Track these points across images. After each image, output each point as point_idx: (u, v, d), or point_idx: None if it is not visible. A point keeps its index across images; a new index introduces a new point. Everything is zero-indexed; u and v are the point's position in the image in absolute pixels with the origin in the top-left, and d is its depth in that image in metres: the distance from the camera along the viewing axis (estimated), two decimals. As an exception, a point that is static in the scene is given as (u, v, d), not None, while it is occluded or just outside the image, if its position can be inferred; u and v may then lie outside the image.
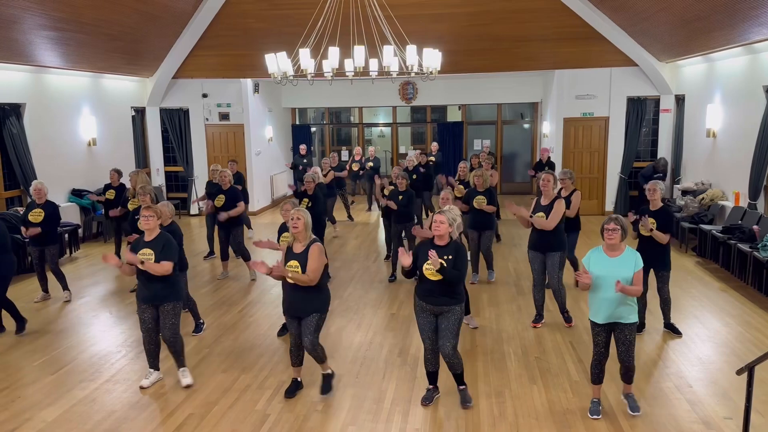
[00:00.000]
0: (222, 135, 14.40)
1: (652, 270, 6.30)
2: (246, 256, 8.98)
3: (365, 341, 6.50)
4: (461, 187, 9.52)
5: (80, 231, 11.16)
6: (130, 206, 8.56)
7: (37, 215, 7.70)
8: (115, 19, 10.49)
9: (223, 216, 8.59)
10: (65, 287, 8.10)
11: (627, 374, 4.82)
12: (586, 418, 4.81)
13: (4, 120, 9.84)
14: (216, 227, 9.23)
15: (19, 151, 10.01)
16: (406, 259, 4.78)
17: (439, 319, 4.89)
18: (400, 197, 8.67)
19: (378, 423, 4.82)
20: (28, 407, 5.16)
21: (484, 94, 16.03)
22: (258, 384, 5.51)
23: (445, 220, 4.78)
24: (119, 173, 9.83)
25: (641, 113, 13.07)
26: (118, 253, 10.13)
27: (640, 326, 6.44)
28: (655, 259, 6.20)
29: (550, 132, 14.37)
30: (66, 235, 10.31)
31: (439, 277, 4.71)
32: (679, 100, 12.62)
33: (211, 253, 10.32)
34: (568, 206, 7.72)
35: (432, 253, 4.62)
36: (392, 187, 8.98)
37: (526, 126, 17.35)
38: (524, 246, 10.61)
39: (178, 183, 14.58)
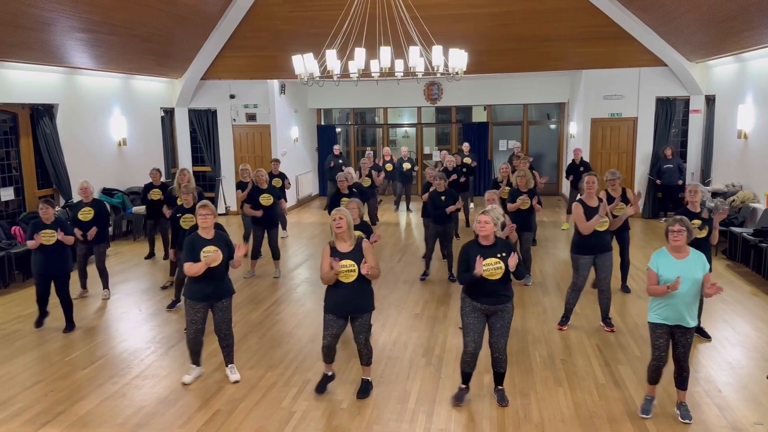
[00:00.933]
0: (249, 135, 14.55)
1: None
2: (277, 255, 9.08)
3: (389, 341, 6.53)
4: (507, 188, 9.34)
5: (110, 229, 11.36)
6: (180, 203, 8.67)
7: (87, 213, 7.88)
8: (145, 21, 10.68)
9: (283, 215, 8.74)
10: (106, 286, 8.26)
11: (681, 376, 4.72)
12: (613, 421, 4.77)
13: (37, 120, 10.08)
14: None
15: (52, 150, 10.25)
16: (480, 266, 4.72)
17: (493, 318, 4.89)
18: (442, 198, 8.60)
19: (402, 423, 4.84)
20: (62, 400, 5.29)
21: (510, 94, 15.95)
22: (284, 381, 5.57)
23: (489, 220, 4.76)
24: (161, 172, 9.99)
25: (670, 114, 12.89)
26: (153, 252, 10.34)
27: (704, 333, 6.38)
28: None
29: (577, 132, 14.24)
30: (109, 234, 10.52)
31: (499, 275, 4.73)
32: (710, 100, 12.42)
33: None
34: (626, 204, 7.58)
35: (513, 259, 4.70)
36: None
37: (553, 126, 17.22)
38: (550, 247, 10.60)
39: (206, 183, 14.77)
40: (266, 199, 8.87)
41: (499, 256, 4.76)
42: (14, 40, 8.80)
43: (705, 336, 6.38)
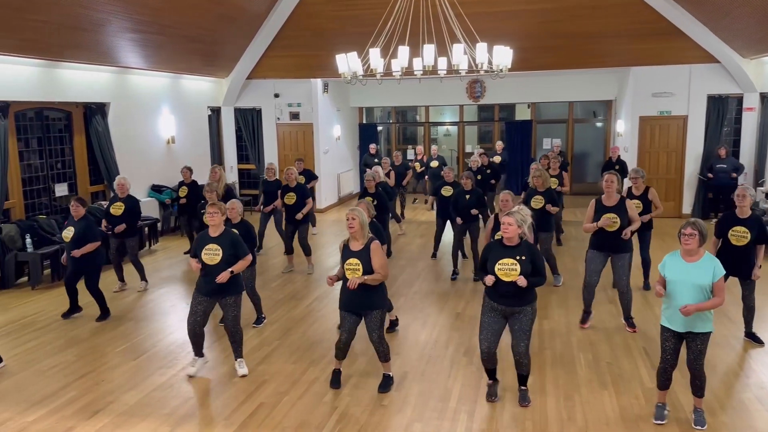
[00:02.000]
0: (292, 134, 14.73)
1: (736, 277, 6.03)
2: (308, 251, 9.19)
3: (431, 339, 6.52)
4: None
5: (159, 225, 11.67)
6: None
7: (118, 208, 8.15)
8: (194, 21, 10.92)
9: (299, 216, 8.93)
10: (143, 278, 8.51)
11: (695, 383, 4.60)
12: (660, 426, 4.66)
13: (90, 118, 10.41)
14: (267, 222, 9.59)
15: (104, 147, 10.57)
16: (490, 280, 4.75)
17: (512, 320, 4.86)
18: (467, 197, 8.63)
19: (444, 421, 4.83)
20: (112, 390, 5.46)
21: (556, 91, 15.69)
22: (326, 377, 5.62)
23: (513, 221, 4.72)
24: (191, 170, 10.24)
25: (722, 112, 12.48)
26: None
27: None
28: (741, 265, 5.92)
29: (624, 131, 13.93)
30: (146, 229, 10.82)
31: (513, 277, 4.69)
32: (764, 98, 11.99)
33: (260, 248, 10.53)
34: (648, 205, 7.51)
35: (521, 280, 4.64)
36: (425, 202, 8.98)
37: (599, 125, 16.89)
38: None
39: (250, 180, 15.03)
40: (290, 198, 9.00)
41: (517, 258, 4.71)
42: (69, 41, 9.12)
43: (757, 341, 6.18)
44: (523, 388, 5.07)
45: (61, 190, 10.15)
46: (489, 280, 4.76)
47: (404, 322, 7.03)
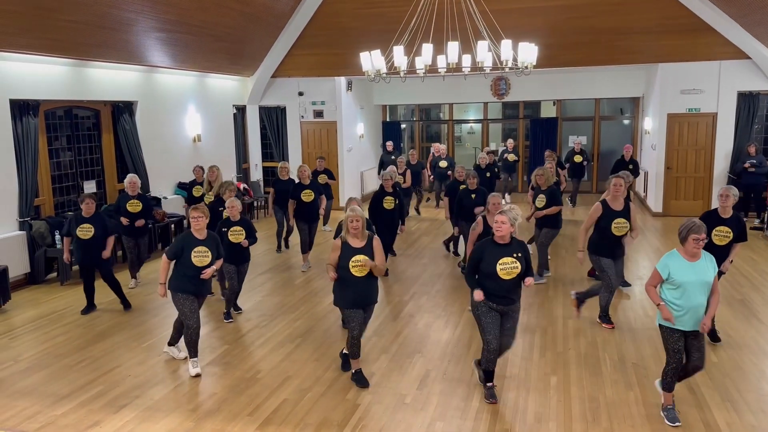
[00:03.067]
0: (316, 132, 14.78)
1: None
2: (309, 248, 9.41)
3: (453, 338, 6.49)
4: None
5: (185, 222, 11.79)
6: (206, 199, 9.00)
7: (135, 206, 8.32)
8: (220, 20, 11.01)
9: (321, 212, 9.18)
10: (134, 276, 8.70)
11: (693, 378, 4.78)
12: (685, 426, 4.58)
13: (118, 117, 10.57)
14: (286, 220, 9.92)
15: (131, 145, 10.72)
16: (479, 294, 4.88)
17: (504, 318, 5.02)
18: (473, 196, 8.55)
19: (466, 420, 4.81)
20: (138, 385, 5.54)
21: (581, 88, 15.50)
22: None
23: (507, 220, 4.84)
24: (203, 169, 10.33)
25: (753, 109, 12.22)
26: None
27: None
28: (719, 263, 5.82)
29: (652, 128, 13.71)
30: (172, 226, 10.97)
31: (515, 275, 4.82)
32: (798, 94, 11.70)
33: (284, 247, 10.68)
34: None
35: (529, 280, 4.85)
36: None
37: (626, 122, 16.65)
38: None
39: (274, 178, 15.07)
40: (307, 195, 9.03)
41: (515, 255, 4.84)
42: (98, 40, 9.26)
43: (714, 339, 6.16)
44: (493, 384, 5.14)
45: (89, 187, 10.32)
46: (478, 295, 4.86)
47: (426, 321, 7.02)
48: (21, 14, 7.66)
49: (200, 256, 5.60)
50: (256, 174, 15.01)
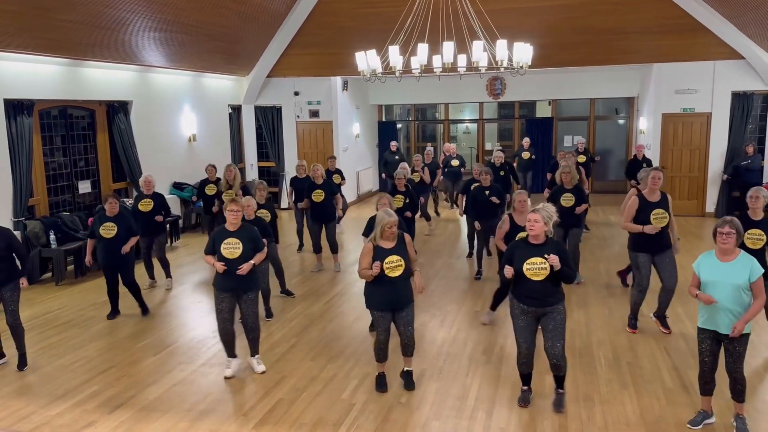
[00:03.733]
0: (311, 132, 14.78)
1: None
2: (335, 249, 9.20)
3: (449, 337, 6.50)
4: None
5: (180, 222, 11.79)
6: (224, 197, 8.93)
7: (146, 205, 8.26)
8: (215, 20, 11.00)
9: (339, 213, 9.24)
10: (168, 275, 8.61)
11: (736, 388, 4.44)
12: (681, 427, 4.60)
13: (113, 116, 10.55)
14: (305, 221, 9.57)
15: (126, 145, 10.71)
16: (509, 271, 4.69)
17: (544, 320, 4.75)
18: (487, 193, 8.58)
19: (461, 420, 4.82)
20: (133, 385, 5.53)
21: (577, 88, 15.54)
22: (344, 374, 5.64)
23: (539, 218, 4.64)
24: (215, 168, 10.33)
25: (747, 109, 12.27)
26: None
27: None
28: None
29: (647, 128, 13.75)
30: (168, 226, 10.91)
31: (542, 276, 4.62)
32: (792, 94, 11.75)
33: (302, 245, 10.63)
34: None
35: (553, 258, 4.55)
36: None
37: (621, 122, 16.69)
38: (615, 246, 10.29)
39: (270, 178, 15.10)
40: (318, 195, 9.01)
41: (545, 256, 4.61)
42: (93, 40, 9.24)
43: None
44: (560, 391, 4.95)
45: (84, 187, 10.30)
46: (508, 271, 4.67)
47: (422, 320, 7.02)
48: (16, 14, 7.64)
49: (230, 247, 5.46)
50: (252, 174, 15.00)
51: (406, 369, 5.39)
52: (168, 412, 5.04)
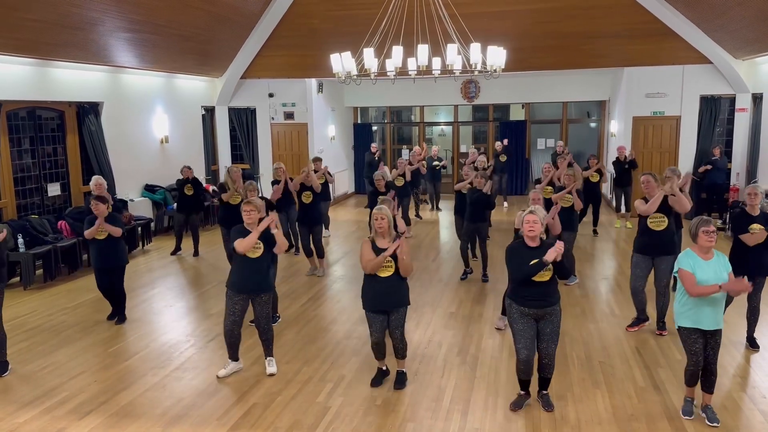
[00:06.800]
0: (287, 133, 14.71)
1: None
2: (321, 253, 9.12)
3: (424, 339, 6.52)
4: (549, 188, 9.15)
5: (152, 225, 11.63)
6: (232, 201, 8.78)
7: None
8: (187, 20, 10.89)
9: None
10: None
11: (710, 379, 4.65)
12: (651, 424, 4.68)
13: (83, 118, 10.37)
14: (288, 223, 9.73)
15: (97, 147, 10.53)
16: (553, 253, 4.50)
17: (543, 323, 4.76)
18: (475, 195, 8.60)
19: (437, 420, 4.83)
20: (104, 390, 5.44)
21: (550, 92, 15.74)
22: (319, 377, 5.62)
23: (538, 220, 4.65)
24: (191, 169, 10.28)
25: (715, 112, 12.55)
26: (179, 247, 10.54)
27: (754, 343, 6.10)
28: (756, 264, 5.77)
29: (618, 131, 13.98)
30: (139, 229, 10.78)
31: (547, 277, 4.63)
32: (757, 98, 12.04)
33: (297, 249, 10.37)
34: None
35: (559, 245, 4.52)
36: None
37: (593, 125, 16.93)
38: (589, 248, 10.43)
39: (244, 180, 14.93)
40: (307, 197, 8.95)
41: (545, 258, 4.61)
42: (62, 39, 9.07)
43: (754, 346, 6.09)
44: (544, 392, 5.00)
45: (53, 189, 10.11)
46: (554, 252, 4.49)
47: (398, 322, 7.02)
48: (-19, 12, 7.48)
49: (257, 249, 5.47)
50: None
51: (398, 370, 5.44)
52: (140, 417, 4.96)
